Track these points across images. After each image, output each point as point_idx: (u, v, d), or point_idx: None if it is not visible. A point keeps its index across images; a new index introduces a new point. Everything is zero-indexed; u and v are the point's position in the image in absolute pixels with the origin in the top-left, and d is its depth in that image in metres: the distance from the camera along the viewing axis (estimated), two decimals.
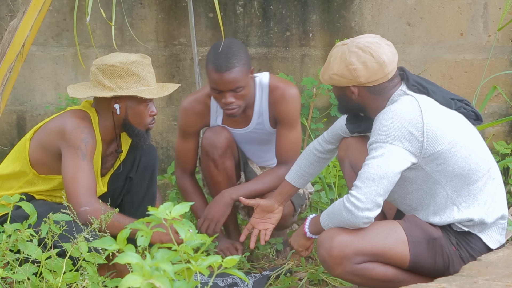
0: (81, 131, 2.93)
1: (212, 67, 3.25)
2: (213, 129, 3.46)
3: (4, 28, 4.18)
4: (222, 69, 3.23)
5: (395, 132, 2.63)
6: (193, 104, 3.48)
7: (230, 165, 3.48)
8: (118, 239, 1.91)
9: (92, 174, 2.91)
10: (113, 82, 2.97)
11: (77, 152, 2.90)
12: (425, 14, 4.42)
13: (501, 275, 2.36)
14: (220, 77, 3.24)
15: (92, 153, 2.94)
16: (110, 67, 2.98)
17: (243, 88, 3.28)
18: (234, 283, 3.27)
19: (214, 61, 3.25)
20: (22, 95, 4.47)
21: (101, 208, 2.82)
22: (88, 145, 2.92)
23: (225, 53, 3.25)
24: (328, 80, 2.79)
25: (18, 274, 2.54)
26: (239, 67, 3.25)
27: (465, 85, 4.48)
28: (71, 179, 2.88)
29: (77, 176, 2.88)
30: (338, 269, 2.70)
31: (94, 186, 2.90)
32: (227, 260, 1.92)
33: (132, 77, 2.98)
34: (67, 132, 2.92)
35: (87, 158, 2.90)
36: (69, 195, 2.88)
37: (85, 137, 2.92)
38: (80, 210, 2.82)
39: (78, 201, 2.85)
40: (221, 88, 3.26)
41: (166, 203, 1.98)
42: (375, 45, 2.72)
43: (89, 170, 2.90)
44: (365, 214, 2.62)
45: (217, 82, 3.25)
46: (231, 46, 3.29)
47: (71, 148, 2.90)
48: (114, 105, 3.00)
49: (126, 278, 1.73)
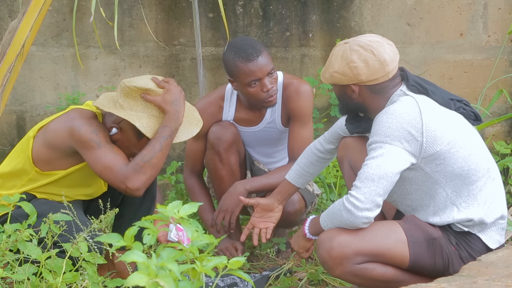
0: (89, 126, 2.94)
1: (243, 59, 3.30)
2: (220, 124, 3.49)
3: (4, 28, 4.18)
4: (254, 56, 3.29)
5: (394, 132, 2.63)
6: (207, 106, 3.52)
7: (234, 160, 3.49)
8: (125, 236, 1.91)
9: (114, 152, 2.92)
10: (126, 102, 2.96)
11: (91, 145, 2.91)
12: (425, 14, 4.43)
13: (501, 275, 2.36)
14: (256, 64, 3.29)
15: (106, 138, 2.94)
16: (129, 88, 2.94)
17: (274, 70, 3.35)
18: (234, 283, 3.27)
19: (242, 54, 3.30)
20: (22, 95, 4.48)
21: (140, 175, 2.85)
22: (100, 134, 2.93)
23: (247, 43, 3.33)
24: (329, 79, 2.79)
25: (18, 274, 2.54)
26: (265, 51, 3.34)
27: (465, 85, 4.49)
28: (102, 170, 2.90)
29: (103, 164, 2.89)
30: (338, 269, 2.70)
31: (123, 158, 2.91)
32: (232, 262, 1.92)
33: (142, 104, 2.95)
34: (76, 131, 2.93)
35: (102, 143, 2.91)
36: (110, 183, 2.93)
37: (94, 129, 2.93)
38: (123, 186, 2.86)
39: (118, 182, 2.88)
40: (259, 76, 3.30)
41: (175, 201, 1.98)
42: (377, 43, 2.73)
43: (110, 151, 2.91)
44: (364, 214, 2.62)
45: (254, 71, 3.29)
46: (247, 38, 3.40)
47: (85, 144, 2.91)
48: (113, 129, 2.99)
49: (132, 276, 1.73)
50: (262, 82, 3.31)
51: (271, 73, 3.32)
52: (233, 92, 3.51)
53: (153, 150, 2.88)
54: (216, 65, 4.39)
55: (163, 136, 2.89)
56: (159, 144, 2.89)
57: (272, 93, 3.34)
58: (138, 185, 2.87)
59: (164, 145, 2.89)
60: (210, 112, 3.51)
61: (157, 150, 2.88)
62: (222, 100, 3.52)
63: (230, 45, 3.37)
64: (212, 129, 3.48)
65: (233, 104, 3.51)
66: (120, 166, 2.88)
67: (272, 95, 3.34)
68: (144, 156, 2.87)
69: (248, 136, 3.55)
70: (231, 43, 3.39)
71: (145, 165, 2.87)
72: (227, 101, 3.51)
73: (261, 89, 3.32)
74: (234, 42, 3.37)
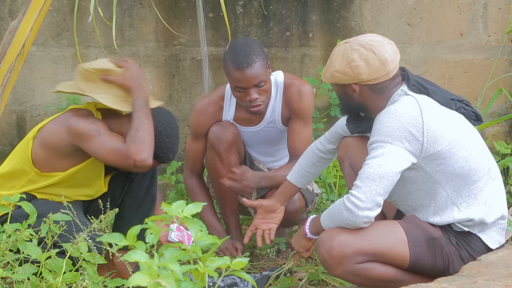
0: (86, 119, 2.97)
1: (233, 66, 3.29)
2: (220, 124, 3.49)
3: (4, 28, 4.18)
4: (244, 66, 3.28)
5: (395, 132, 2.63)
6: (207, 106, 3.52)
7: (234, 160, 3.49)
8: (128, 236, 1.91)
9: (114, 137, 2.96)
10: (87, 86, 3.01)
11: (91, 134, 2.94)
12: (425, 14, 4.43)
13: (501, 275, 2.36)
14: (243, 74, 3.28)
15: (104, 126, 2.97)
16: (87, 71, 3.03)
17: (265, 82, 3.33)
18: (234, 283, 3.27)
19: (234, 60, 3.30)
20: (22, 95, 4.48)
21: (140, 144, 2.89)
22: (98, 123, 2.96)
23: (243, 50, 3.31)
24: (330, 78, 2.79)
25: (18, 274, 2.54)
26: (259, 62, 3.30)
27: (465, 85, 4.48)
28: (106, 155, 2.94)
29: (107, 149, 2.92)
30: (338, 269, 2.70)
31: (123, 140, 2.94)
32: (235, 263, 1.92)
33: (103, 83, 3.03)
34: (73, 126, 2.94)
35: (102, 130, 2.94)
36: (118, 165, 2.96)
37: (91, 121, 2.96)
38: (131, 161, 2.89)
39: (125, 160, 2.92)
40: (245, 85, 3.30)
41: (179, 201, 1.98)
42: (377, 43, 2.73)
43: (110, 136, 2.95)
44: (365, 214, 2.62)
45: (240, 80, 3.29)
46: (248, 43, 3.35)
47: (84, 135, 2.94)
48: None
49: (134, 276, 1.73)
50: (247, 92, 3.32)
51: (258, 85, 3.31)
52: None
53: (139, 120, 2.94)
54: (217, 65, 4.39)
55: (141, 106, 2.96)
56: (141, 113, 2.95)
57: (255, 103, 3.33)
58: (144, 155, 2.90)
59: (147, 114, 2.95)
60: (210, 112, 3.51)
61: (142, 119, 2.94)
62: (222, 100, 3.52)
63: (231, 46, 3.37)
64: (212, 129, 3.48)
65: (233, 104, 3.51)
66: (122, 146, 2.92)
67: (255, 105, 3.33)
68: (134, 128, 2.92)
69: (248, 136, 3.55)
70: (231, 44, 3.39)
71: (139, 134, 2.92)
72: (227, 101, 3.51)
73: (245, 97, 3.32)
74: (234, 44, 3.37)
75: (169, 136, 3.04)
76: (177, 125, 3.11)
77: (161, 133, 3.02)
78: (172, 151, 3.07)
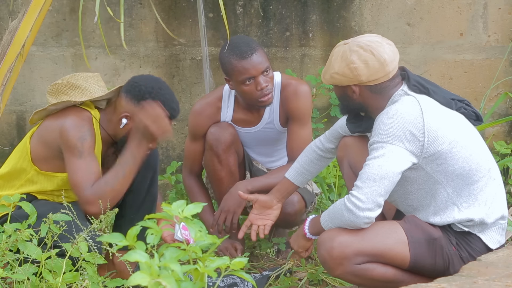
0: (78, 130, 2.95)
1: (237, 57, 3.30)
2: (218, 125, 3.49)
3: (4, 28, 4.18)
4: (248, 54, 3.29)
5: (395, 132, 2.63)
6: (205, 107, 3.52)
7: (233, 161, 3.49)
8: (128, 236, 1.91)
9: (91, 169, 2.94)
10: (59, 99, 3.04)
11: (74, 152, 2.93)
12: (425, 14, 4.43)
13: (501, 275, 2.37)
14: (250, 62, 3.29)
15: (91, 148, 2.96)
16: (54, 86, 3.07)
17: (270, 69, 3.34)
18: (234, 283, 3.27)
19: (236, 52, 3.30)
20: (22, 95, 4.48)
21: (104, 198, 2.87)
22: (85, 143, 2.94)
23: (242, 41, 3.34)
24: (330, 80, 2.79)
25: (18, 274, 2.54)
26: (261, 49, 3.34)
27: (465, 85, 4.48)
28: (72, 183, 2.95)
29: (74, 180, 2.93)
30: (338, 269, 2.70)
31: (95, 175, 2.94)
32: (235, 263, 1.91)
33: (74, 90, 3.05)
34: (64, 131, 2.94)
35: (84, 154, 2.93)
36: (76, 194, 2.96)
37: (82, 135, 2.94)
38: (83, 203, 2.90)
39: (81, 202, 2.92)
40: (254, 73, 3.30)
41: (179, 201, 1.98)
42: (376, 44, 2.73)
43: (86, 164, 2.94)
44: (366, 214, 2.62)
45: (248, 68, 3.29)
46: (243, 37, 3.42)
47: (69, 148, 2.93)
48: (122, 119, 3.02)
49: (134, 276, 1.74)
50: (257, 80, 3.31)
51: (265, 71, 3.32)
52: (230, 93, 3.50)
53: (116, 176, 2.94)
54: (216, 65, 4.38)
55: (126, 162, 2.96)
56: (122, 171, 2.95)
57: (267, 91, 3.33)
58: (95, 210, 2.89)
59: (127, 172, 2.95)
60: (208, 113, 3.51)
61: (119, 177, 2.94)
62: (220, 101, 3.52)
63: (226, 43, 3.38)
64: (210, 130, 3.48)
65: (231, 105, 3.51)
66: (87, 187, 2.92)
67: (267, 93, 3.33)
68: (107, 182, 2.93)
69: (247, 136, 3.55)
70: (227, 42, 3.39)
71: (108, 191, 2.92)
72: (225, 102, 3.51)
73: (256, 87, 3.32)
74: (230, 41, 3.38)
75: (161, 88, 3.03)
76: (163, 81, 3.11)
77: (153, 89, 3.01)
78: (173, 101, 3.05)
